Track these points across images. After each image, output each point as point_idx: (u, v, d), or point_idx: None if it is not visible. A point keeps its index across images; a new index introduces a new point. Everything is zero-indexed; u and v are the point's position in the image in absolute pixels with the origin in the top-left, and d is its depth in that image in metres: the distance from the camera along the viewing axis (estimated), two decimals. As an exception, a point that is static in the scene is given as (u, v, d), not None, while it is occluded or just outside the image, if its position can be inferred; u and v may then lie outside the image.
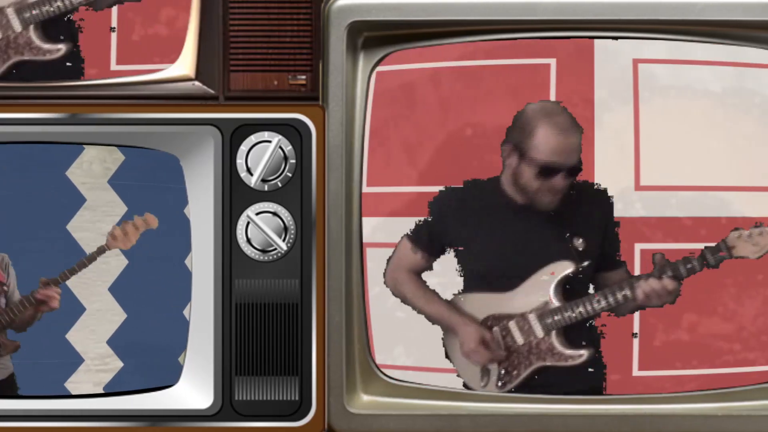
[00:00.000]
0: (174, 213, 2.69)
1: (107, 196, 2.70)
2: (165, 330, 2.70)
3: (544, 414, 2.66)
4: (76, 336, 2.71)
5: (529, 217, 2.68)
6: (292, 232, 2.66)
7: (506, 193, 2.68)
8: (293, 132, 2.66)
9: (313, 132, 2.66)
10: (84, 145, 2.69)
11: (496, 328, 2.69)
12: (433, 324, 2.70)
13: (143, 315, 2.71)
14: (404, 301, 2.70)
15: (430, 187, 2.68)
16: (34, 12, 2.68)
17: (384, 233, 2.70)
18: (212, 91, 2.67)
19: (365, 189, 2.69)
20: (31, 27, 2.69)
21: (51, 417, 2.66)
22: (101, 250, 2.69)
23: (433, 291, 2.70)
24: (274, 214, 2.66)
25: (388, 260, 2.71)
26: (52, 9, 2.67)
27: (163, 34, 2.69)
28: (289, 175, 2.66)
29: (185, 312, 2.70)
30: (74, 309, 2.71)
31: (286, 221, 2.66)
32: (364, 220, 2.68)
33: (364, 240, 2.68)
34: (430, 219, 2.69)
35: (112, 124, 2.65)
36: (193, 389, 2.68)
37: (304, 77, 2.67)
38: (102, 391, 2.71)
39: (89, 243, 2.69)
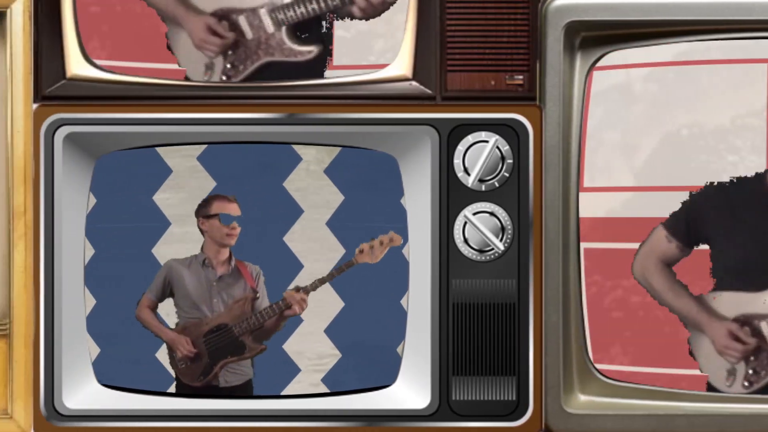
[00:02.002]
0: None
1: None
2: (383, 328, 2.71)
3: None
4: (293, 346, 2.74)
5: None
6: (509, 232, 2.66)
7: (770, 191, 2.67)
8: (510, 132, 2.66)
9: (530, 132, 2.66)
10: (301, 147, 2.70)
11: (746, 327, 2.68)
12: (680, 319, 2.69)
13: (362, 305, 2.72)
14: (650, 291, 2.68)
15: (646, 187, 2.68)
16: (288, 13, 2.70)
17: (600, 233, 2.69)
18: (429, 91, 2.67)
19: (582, 188, 2.68)
20: (284, 28, 2.71)
21: (270, 417, 2.68)
22: (350, 264, 2.71)
23: (683, 285, 2.69)
24: (492, 214, 2.66)
25: (639, 248, 2.69)
26: (305, 11, 2.69)
27: (379, 33, 2.70)
28: (506, 174, 2.66)
29: (402, 302, 2.70)
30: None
31: (503, 221, 2.66)
32: (581, 219, 2.68)
33: (581, 240, 2.68)
34: (690, 209, 2.67)
35: (330, 124, 2.66)
36: (411, 389, 2.68)
37: (521, 77, 2.67)
38: (319, 392, 2.72)
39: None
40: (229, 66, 2.71)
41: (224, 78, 2.70)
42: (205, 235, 2.75)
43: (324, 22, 2.70)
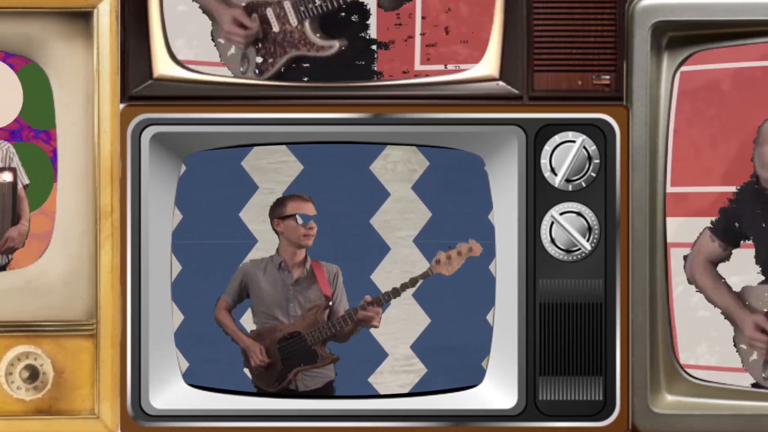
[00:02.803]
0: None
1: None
2: (468, 331, 2.71)
3: None
4: (382, 337, 2.73)
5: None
6: (596, 232, 2.66)
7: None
8: (597, 132, 2.66)
9: (617, 132, 2.66)
10: (388, 146, 2.70)
11: (774, 320, 2.69)
12: (725, 317, 2.70)
13: (447, 319, 2.71)
14: (699, 290, 2.69)
15: (734, 187, 2.67)
16: (309, 6, 2.69)
17: (688, 233, 2.69)
18: (516, 91, 2.67)
19: (669, 188, 2.68)
20: (307, 21, 2.70)
21: (358, 417, 2.68)
22: (425, 275, 2.71)
23: (724, 283, 2.69)
24: (578, 214, 2.66)
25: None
26: (328, 4, 2.68)
27: (465, 33, 2.70)
28: (593, 175, 2.66)
29: (488, 317, 2.71)
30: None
31: (590, 221, 2.65)
32: (668, 219, 2.68)
33: (668, 239, 2.68)
34: (728, 208, 2.68)
35: (416, 124, 2.66)
36: (497, 389, 2.68)
37: (608, 77, 2.66)
38: (406, 392, 2.72)
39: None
40: (260, 60, 2.71)
41: (257, 72, 2.70)
42: (281, 236, 2.74)
43: (358, 13, 2.69)
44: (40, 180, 2.71)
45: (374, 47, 2.69)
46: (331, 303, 2.73)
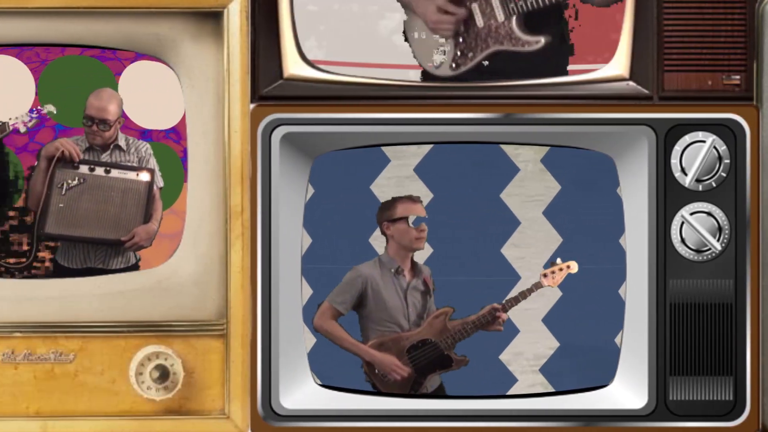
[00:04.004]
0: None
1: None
2: (598, 331, 2.72)
3: None
4: (508, 357, 2.73)
5: None
6: (727, 232, 2.65)
7: None
8: (727, 132, 2.66)
9: (747, 132, 2.66)
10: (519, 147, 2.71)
11: None
12: None
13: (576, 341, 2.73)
14: None
15: None
16: (518, 2, 2.70)
17: (818, 232, 2.69)
18: (646, 91, 2.67)
19: (799, 188, 2.68)
20: (514, 18, 2.70)
21: (484, 417, 2.68)
22: (538, 285, 2.71)
23: None
24: (709, 214, 2.66)
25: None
26: (537, 1, 2.68)
27: (594, 34, 2.70)
28: (723, 175, 2.66)
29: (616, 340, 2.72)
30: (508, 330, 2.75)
31: (720, 221, 2.65)
32: (798, 219, 2.68)
33: (798, 239, 2.68)
34: None
35: (546, 124, 2.66)
36: (628, 389, 2.68)
37: (738, 77, 2.66)
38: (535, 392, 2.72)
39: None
40: (459, 53, 2.71)
41: (454, 66, 2.70)
42: (391, 240, 2.73)
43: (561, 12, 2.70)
44: (170, 180, 2.72)
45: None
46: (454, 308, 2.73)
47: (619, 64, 2.67)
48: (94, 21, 2.64)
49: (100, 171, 2.74)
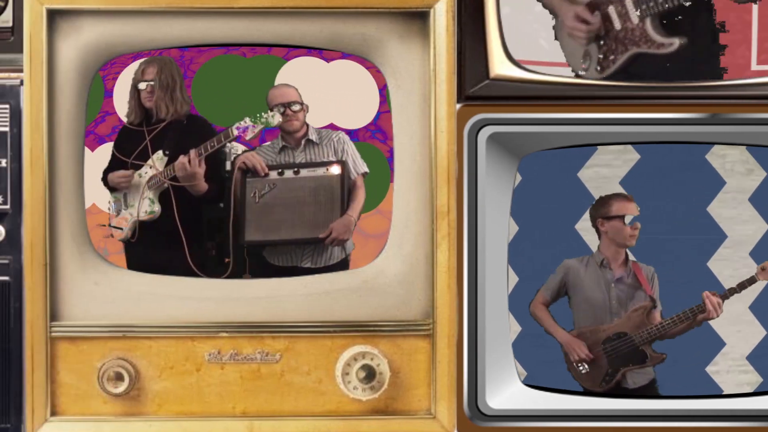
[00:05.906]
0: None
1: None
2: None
3: None
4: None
5: None
6: None
7: None
8: None
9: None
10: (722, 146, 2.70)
11: None
12: None
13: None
14: None
15: None
16: (651, 4, 2.69)
17: None
18: None
19: None
20: (648, 19, 2.70)
21: (690, 417, 2.67)
22: (752, 281, 2.71)
23: None
24: None
25: None
26: (669, 2, 2.67)
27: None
28: None
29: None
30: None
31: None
32: None
33: None
34: None
35: (754, 125, 2.65)
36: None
37: None
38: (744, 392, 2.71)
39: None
40: (601, 57, 2.71)
41: (598, 69, 2.70)
42: (604, 236, 2.74)
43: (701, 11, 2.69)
44: (376, 180, 2.72)
45: (716, 46, 2.68)
46: (655, 303, 2.72)
47: (827, 63, 2.67)
48: (300, 21, 2.64)
49: (289, 173, 2.75)
